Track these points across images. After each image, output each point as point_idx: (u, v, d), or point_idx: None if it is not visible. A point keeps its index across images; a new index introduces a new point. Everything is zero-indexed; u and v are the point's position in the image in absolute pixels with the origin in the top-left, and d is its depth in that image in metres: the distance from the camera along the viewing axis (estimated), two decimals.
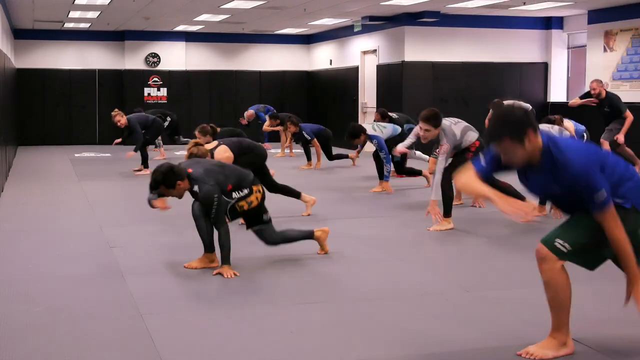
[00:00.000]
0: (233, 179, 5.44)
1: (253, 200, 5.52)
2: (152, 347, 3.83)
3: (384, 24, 15.15)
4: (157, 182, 5.23)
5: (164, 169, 5.24)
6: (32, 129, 17.89)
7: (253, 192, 5.52)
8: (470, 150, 7.17)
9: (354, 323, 4.27)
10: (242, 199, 5.46)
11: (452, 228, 7.15)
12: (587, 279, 5.25)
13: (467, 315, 4.43)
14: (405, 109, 14.29)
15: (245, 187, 5.48)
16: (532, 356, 3.64)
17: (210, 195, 5.24)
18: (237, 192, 5.44)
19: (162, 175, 5.21)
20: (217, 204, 5.26)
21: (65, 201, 9.05)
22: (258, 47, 19.12)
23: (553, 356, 3.63)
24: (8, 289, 5.00)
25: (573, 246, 3.51)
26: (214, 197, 5.23)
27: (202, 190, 5.26)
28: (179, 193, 5.34)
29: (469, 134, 7.24)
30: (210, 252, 5.58)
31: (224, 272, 5.31)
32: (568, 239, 3.53)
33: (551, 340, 3.68)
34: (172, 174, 5.22)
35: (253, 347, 3.88)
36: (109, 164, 13.86)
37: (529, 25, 15.29)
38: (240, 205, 5.48)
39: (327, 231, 6.00)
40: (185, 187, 5.32)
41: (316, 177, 11.58)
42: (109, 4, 13.26)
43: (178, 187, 5.25)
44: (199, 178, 5.29)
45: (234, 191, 5.43)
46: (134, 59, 18.29)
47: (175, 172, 5.24)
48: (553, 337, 3.67)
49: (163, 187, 5.24)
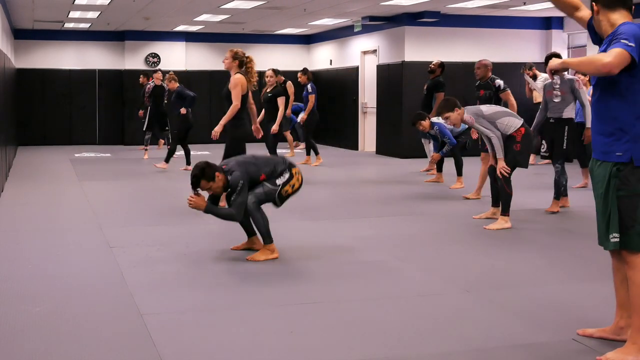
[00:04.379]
0: (266, 168, 5.77)
1: (295, 183, 5.85)
2: (152, 347, 3.83)
3: (384, 24, 15.16)
4: (197, 177, 5.59)
5: (201, 164, 5.63)
6: (32, 129, 17.89)
7: (294, 175, 5.84)
8: (517, 141, 7.13)
9: (354, 323, 4.27)
10: (286, 184, 5.77)
11: (510, 227, 7.12)
12: (587, 279, 5.27)
13: (467, 315, 4.43)
14: (405, 109, 14.31)
15: (283, 172, 5.80)
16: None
17: (236, 180, 5.61)
18: (279, 179, 5.77)
19: (200, 170, 5.57)
20: (241, 189, 5.60)
21: (65, 201, 9.05)
22: (258, 47, 19.12)
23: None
24: (8, 289, 5.00)
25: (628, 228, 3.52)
26: (239, 182, 5.60)
27: (232, 176, 5.63)
28: (218, 186, 5.66)
29: (509, 119, 7.21)
30: (269, 243, 5.81)
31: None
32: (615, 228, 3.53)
33: (631, 345, 3.55)
34: (209, 167, 5.60)
35: (253, 347, 3.87)
36: (109, 164, 13.86)
37: (529, 25, 15.29)
38: (285, 190, 5.79)
39: (268, 252, 5.85)
40: (223, 180, 5.65)
41: (316, 177, 11.57)
42: (109, 4, 13.26)
43: (217, 178, 5.60)
44: (231, 169, 5.69)
45: (275, 178, 5.76)
46: (134, 59, 18.29)
47: (212, 166, 5.64)
48: (634, 342, 3.55)
49: (204, 181, 5.58)
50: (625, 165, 3.51)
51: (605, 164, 3.58)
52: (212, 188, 5.65)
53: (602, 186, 3.57)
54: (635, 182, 3.50)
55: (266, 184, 5.72)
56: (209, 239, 6.52)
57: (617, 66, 3.39)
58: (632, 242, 3.52)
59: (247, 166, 5.72)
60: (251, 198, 5.68)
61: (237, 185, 5.62)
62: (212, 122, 18.23)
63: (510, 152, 7.13)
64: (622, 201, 3.52)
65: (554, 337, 3.98)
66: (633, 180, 3.50)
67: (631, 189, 3.51)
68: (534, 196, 9.17)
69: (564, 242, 6.64)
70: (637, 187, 3.50)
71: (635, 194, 3.51)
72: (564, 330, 4.08)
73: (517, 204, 7.79)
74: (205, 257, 5.90)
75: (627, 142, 3.50)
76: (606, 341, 3.85)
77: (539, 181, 10.77)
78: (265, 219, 5.74)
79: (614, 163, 3.53)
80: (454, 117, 7.32)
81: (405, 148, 14.46)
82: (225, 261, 5.79)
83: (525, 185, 9.92)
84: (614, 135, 3.54)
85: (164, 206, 8.49)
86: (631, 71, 3.46)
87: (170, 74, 13.18)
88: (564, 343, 3.88)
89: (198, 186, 5.61)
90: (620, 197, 3.52)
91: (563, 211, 8.15)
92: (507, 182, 7.13)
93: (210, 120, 18.33)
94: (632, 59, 3.41)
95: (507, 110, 7.44)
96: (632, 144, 3.49)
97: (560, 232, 7.08)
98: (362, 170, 13.36)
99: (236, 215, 5.68)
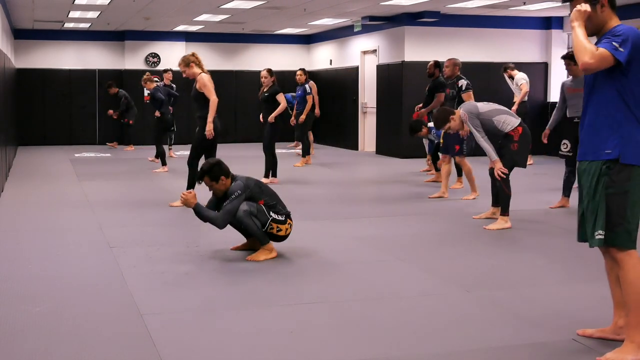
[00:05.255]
0: (268, 198, 5.80)
1: (283, 229, 5.81)
2: (152, 347, 3.83)
3: (384, 24, 15.16)
4: (202, 171, 5.67)
5: (213, 161, 5.69)
6: (32, 129, 17.89)
7: (286, 223, 5.84)
8: (514, 140, 7.11)
9: (354, 323, 4.27)
10: (276, 221, 5.75)
11: (510, 227, 7.13)
12: (587, 279, 5.27)
13: (467, 315, 4.43)
14: (405, 109, 14.30)
15: (280, 213, 5.81)
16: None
17: (234, 189, 5.65)
18: (274, 213, 5.76)
19: (209, 167, 5.66)
20: (235, 197, 5.62)
21: (65, 201, 9.05)
22: (258, 47, 19.13)
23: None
24: (8, 289, 5.00)
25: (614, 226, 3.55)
26: (236, 192, 5.63)
27: (234, 184, 5.70)
28: (220, 189, 5.71)
29: (507, 117, 7.19)
30: (266, 243, 5.81)
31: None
32: (601, 225, 3.55)
33: (630, 344, 3.56)
34: (219, 168, 5.67)
35: (253, 347, 3.87)
36: (109, 164, 13.86)
37: (529, 25, 15.29)
38: (271, 226, 5.75)
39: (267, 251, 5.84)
40: (226, 185, 5.70)
41: (316, 177, 11.57)
42: (109, 4, 13.26)
43: (221, 182, 5.66)
44: (238, 177, 5.77)
45: (271, 210, 5.75)
46: (134, 59, 18.29)
47: (222, 168, 5.68)
48: (632, 340, 3.56)
49: (207, 178, 5.64)
50: (614, 163, 3.54)
51: (594, 162, 3.61)
52: (213, 187, 5.74)
53: (591, 184, 3.60)
54: (623, 179, 3.54)
55: (262, 207, 5.73)
56: (209, 239, 6.52)
57: (595, 69, 3.51)
58: (618, 239, 3.55)
59: (253, 186, 5.76)
60: (244, 206, 5.66)
61: (233, 193, 5.65)
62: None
63: (508, 152, 7.11)
64: (610, 199, 3.55)
65: (554, 337, 3.98)
66: (622, 178, 3.54)
67: (619, 186, 3.54)
68: (534, 196, 9.17)
69: (564, 242, 6.64)
70: (625, 185, 3.54)
71: (623, 192, 3.54)
72: (563, 330, 4.08)
73: (517, 204, 7.79)
74: (205, 257, 5.90)
75: (616, 140, 3.54)
76: (606, 341, 3.86)
77: (539, 181, 10.78)
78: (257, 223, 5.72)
79: (603, 161, 3.56)
80: (454, 125, 7.35)
81: (405, 148, 14.46)
82: (225, 261, 5.79)
83: (525, 185, 9.92)
84: (604, 134, 3.57)
85: (164, 206, 8.49)
86: (624, 72, 3.51)
87: (147, 74, 13.09)
88: (563, 343, 3.88)
89: (202, 180, 5.72)
90: (609, 194, 3.55)
91: (563, 211, 8.16)
92: (506, 183, 7.12)
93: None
94: (617, 62, 3.47)
95: (505, 108, 7.41)
96: (621, 142, 3.53)
97: (560, 232, 7.08)
98: (362, 170, 13.37)
99: (220, 222, 5.69)
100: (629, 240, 3.55)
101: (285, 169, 12.31)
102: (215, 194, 5.82)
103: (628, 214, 3.53)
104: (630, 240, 3.55)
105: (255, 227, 5.69)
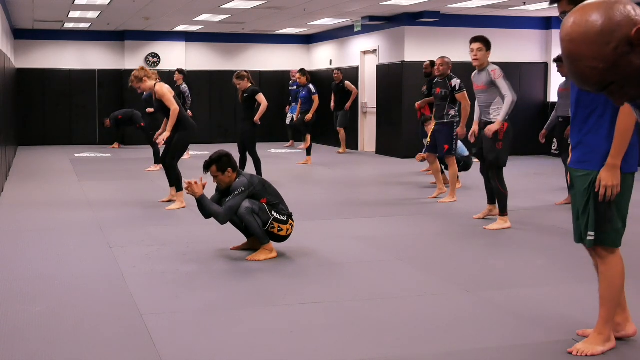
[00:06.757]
0: (271, 197, 5.81)
1: (284, 230, 5.81)
2: (152, 347, 3.83)
3: (384, 24, 15.15)
4: (211, 161, 5.69)
5: (223, 152, 5.73)
6: (32, 129, 17.88)
7: (288, 223, 5.83)
8: (499, 139, 7.06)
9: (354, 323, 4.27)
10: (278, 221, 5.74)
11: (510, 227, 7.13)
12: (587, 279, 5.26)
13: (467, 315, 4.43)
14: (405, 109, 14.30)
15: (283, 213, 5.81)
16: (582, 353, 3.64)
17: (238, 185, 5.67)
18: (276, 213, 5.76)
19: (218, 157, 5.70)
20: (238, 193, 5.64)
21: (65, 201, 9.05)
22: (258, 47, 19.11)
23: (602, 351, 3.64)
24: (8, 289, 5.00)
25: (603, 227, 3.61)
26: (240, 188, 5.65)
27: (238, 179, 5.73)
28: (224, 181, 5.74)
29: (499, 109, 7.12)
30: (267, 243, 5.81)
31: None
32: (592, 226, 3.62)
33: (598, 336, 3.68)
34: (228, 159, 5.73)
35: (253, 347, 3.87)
36: (109, 164, 13.86)
37: (529, 25, 15.29)
38: (273, 226, 5.74)
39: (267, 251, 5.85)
40: (232, 178, 5.72)
41: (316, 177, 11.58)
42: (109, 4, 13.26)
43: (227, 174, 5.69)
44: (243, 174, 5.81)
45: (273, 209, 5.75)
46: (134, 59, 18.27)
47: (231, 160, 5.76)
48: (600, 332, 3.68)
49: (215, 167, 5.68)
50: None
51: (588, 171, 3.67)
52: (219, 178, 5.75)
53: (583, 189, 3.67)
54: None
55: (264, 206, 5.74)
56: (209, 239, 6.52)
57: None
58: (607, 238, 3.64)
59: (257, 183, 5.77)
60: (246, 204, 5.67)
61: (236, 189, 5.65)
62: (212, 122, 18.35)
63: (493, 151, 7.08)
64: (600, 202, 3.62)
65: (554, 337, 3.98)
66: None
67: None
68: (534, 196, 9.18)
69: (564, 242, 6.64)
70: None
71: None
72: (563, 330, 4.08)
73: (517, 204, 7.79)
74: (205, 257, 5.90)
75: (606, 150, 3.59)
76: None
77: (539, 181, 10.78)
78: (259, 221, 5.74)
79: (597, 171, 3.62)
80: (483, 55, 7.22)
81: (405, 148, 14.46)
82: (225, 261, 5.79)
83: (525, 185, 9.92)
84: (595, 144, 3.64)
85: (164, 206, 8.49)
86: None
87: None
88: (563, 343, 3.88)
89: (209, 169, 5.75)
90: (598, 198, 3.62)
91: (563, 210, 8.15)
92: (501, 183, 7.11)
93: (211, 121, 18.35)
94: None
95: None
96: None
97: (560, 232, 7.08)
98: (362, 170, 13.37)
99: (222, 217, 5.69)
100: (617, 240, 3.65)
101: (285, 169, 12.31)
102: (219, 185, 5.82)
103: (616, 215, 3.62)
104: (618, 239, 3.66)
105: (257, 225, 5.69)
